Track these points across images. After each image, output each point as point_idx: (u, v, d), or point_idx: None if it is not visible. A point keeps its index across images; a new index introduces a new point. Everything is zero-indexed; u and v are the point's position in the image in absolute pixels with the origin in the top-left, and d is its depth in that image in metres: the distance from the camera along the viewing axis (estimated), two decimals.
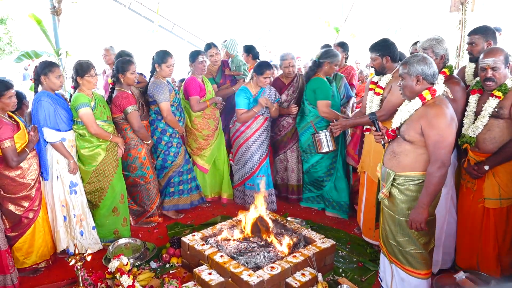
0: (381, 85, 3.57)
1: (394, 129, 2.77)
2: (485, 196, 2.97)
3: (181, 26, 12.15)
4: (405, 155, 2.64)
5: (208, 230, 3.64)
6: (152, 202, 4.35)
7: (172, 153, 4.48)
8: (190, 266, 3.42)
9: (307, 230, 3.62)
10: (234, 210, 4.76)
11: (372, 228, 3.83)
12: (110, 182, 3.89)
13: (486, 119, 2.87)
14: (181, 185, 4.62)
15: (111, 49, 5.48)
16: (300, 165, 4.68)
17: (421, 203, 2.55)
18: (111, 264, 3.06)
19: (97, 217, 3.95)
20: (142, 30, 14.64)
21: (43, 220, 3.55)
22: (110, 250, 3.73)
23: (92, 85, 3.73)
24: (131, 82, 4.03)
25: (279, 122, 4.65)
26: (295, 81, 4.64)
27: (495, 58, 2.78)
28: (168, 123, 4.34)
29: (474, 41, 3.20)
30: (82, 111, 3.62)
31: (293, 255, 3.16)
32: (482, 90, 2.97)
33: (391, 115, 3.44)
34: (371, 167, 3.76)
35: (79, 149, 3.76)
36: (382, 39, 3.62)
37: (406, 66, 2.61)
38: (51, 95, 3.57)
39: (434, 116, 2.48)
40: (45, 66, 3.53)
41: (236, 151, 4.61)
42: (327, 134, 4.00)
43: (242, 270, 2.96)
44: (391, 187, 2.73)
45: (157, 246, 3.90)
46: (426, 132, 2.51)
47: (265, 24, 14.41)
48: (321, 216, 4.56)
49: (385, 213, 2.85)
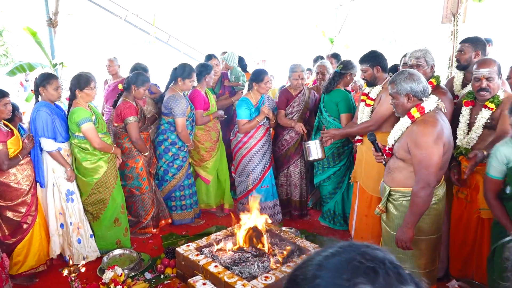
0: (372, 96, 3.63)
1: (391, 147, 2.77)
2: (480, 206, 2.98)
3: (176, 37, 12.26)
4: (399, 171, 2.65)
5: (202, 240, 3.65)
6: (146, 213, 4.36)
7: (176, 166, 4.51)
8: (184, 277, 3.42)
9: (301, 240, 3.65)
10: (229, 220, 4.77)
11: (364, 237, 3.86)
12: (111, 193, 3.93)
13: (480, 130, 2.90)
14: (184, 200, 4.64)
15: (115, 60, 5.58)
16: (303, 181, 4.63)
17: (406, 223, 2.53)
18: (105, 275, 3.08)
19: (99, 229, 3.96)
20: (138, 41, 14.73)
21: (40, 225, 3.61)
22: (105, 261, 3.74)
23: (91, 98, 3.77)
24: (140, 96, 4.15)
25: (281, 136, 4.57)
26: (302, 94, 4.54)
27: (490, 68, 2.81)
28: (181, 138, 4.40)
29: (464, 48, 3.28)
30: (85, 126, 3.64)
31: (287, 265, 3.19)
32: (474, 101, 3.00)
33: (380, 125, 3.52)
34: (363, 177, 3.81)
35: (80, 162, 3.77)
36: (370, 51, 3.70)
37: (394, 86, 2.58)
38: (49, 105, 3.64)
39: (418, 134, 2.45)
40: (43, 78, 3.61)
41: (239, 163, 4.58)
42: (316, 143, 4.03)
43: (236, 280, 2.97)
44: (387, 202, 2.76)
45: (151, 257, 3.91)
46: (411, 151, 2.49)
47: (259, 35, 14.55)
48: (315, 226, 4.59)
49: (383, 229, 2.87)
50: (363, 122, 3.61)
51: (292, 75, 4.43)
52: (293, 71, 4.42)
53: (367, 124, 3.54)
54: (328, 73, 4.66)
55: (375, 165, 3.61)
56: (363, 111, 3.70)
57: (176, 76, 4.37)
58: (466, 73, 3.42)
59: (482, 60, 2.88)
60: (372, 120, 3.51)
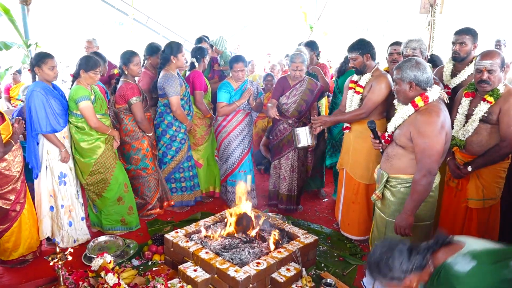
0: (361, 84, 3.64)
1: (390, 133, 2.79)
2: (469, 196, 3.06)
3: (155, 19, 11.96)
4: (398, 158, 2.68)
5: (191, 226, 3.63)
6: (153, 194, 4.39)
7: (174, 148, 4.47)
8: (173, 263, 3.40)
9: (290, 225, 3.68)
10: (214, 206, 4.77)
11: (351, 224, 3.93)
12: (113, 173, 3.93)
13: (477, 123, 2.92)
14: (184, 182, 4.62)
15: (94, 41, 5.49)
16: (294, 175, 4.44)
17: (406, 209, 2.58)
18: (94, 262, 3.01)
19: (103, 206, 4.00)
20: (114, 22, 14.29)
21: (28, 212, 3.56)
22: (90, 248, 3.67)
23: (93, 81, 3.74)
24: (135, 73, 4.09)
25: (276, 126, 4.45)
26: (300, 85, 4.30)
27: (492, 61, 2.80)
28: (177, 117, 4.33)
29: (465, 41, 3.30)
30: (83, 104, 3.60)
31: (278, 251, 3.20)
32: (475, 93, 3.02)
33: (371, 113, 3.55)
34: (350, 164, 3.85)
35: (78, 142, 3.73)
36: (359, 39, 3.69)
37: (400, 72, 2.58)
38: (45, 86, 3.54)
39: (423, 124, 2.48)
40: (38, 58, 3.52)
41: (219, 146, 4.62)
42: (306, 130, 4.02)
43: (228, 266, 2.97)
44: (384, 189, 2.79)
45: (138, 243, 3.86)
46: (414, 139, 2.52)
47: (240, 20, 14.38)
48: (299, 214, 4.63)
49: (377, 215, 2.91)
50: (354, 110, 3.63)
51: (291, 65, 4.24)
52: (292, 61, 4.23)
53: (358, 112, 3.56)
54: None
55: (363, 152, 3.68)
56: (352, 99, 3.71)
57: (166, 55, 4.25)
58: (456, 63, 3.47)
59: (486, 52, 2.86)
60: (364, 107, 3.53)
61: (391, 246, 1.83)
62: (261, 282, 2.99)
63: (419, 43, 3.28)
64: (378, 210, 2.87)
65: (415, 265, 1.78)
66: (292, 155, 4.40)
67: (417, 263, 1.78)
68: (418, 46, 3.27)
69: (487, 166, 2.95)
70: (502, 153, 2.88)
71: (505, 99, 2.82)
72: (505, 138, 2.84)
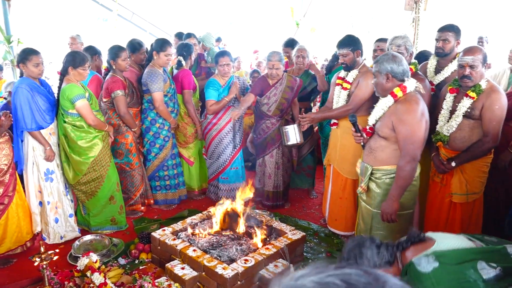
0: (348, 80, 3.66)
1: (371, 126, 2.86)
2: (452, 191, 3.11)
3: (140, 15, 11.80)
4: (381, 150, 2.75)
5: (178, 224, 3.60)
6: (136, 189, 4.38)
7: (158, 145, 4.42)
8: (160, 261, 3.38)
9: (277, 222, 3.68)
10: (201, 204, 4.74)
11: (338, 219, 3.95)
12: (107, 171, 3.89)
13: (460, 118, 2.97)
14: (168, 180, 4.58)
15: (78, 37, 5.41)
16: (279, 171, 4.44)
17: (391, 196, 2.66)
18: (80, 262, 2.97)
19: (93, 207, 3.96)
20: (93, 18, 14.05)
21: (17, 206, 3.53)
22: (75, 247, 3.62)
23: (82, 78, 3.69)
24: (123, 68, 4.06)
25: (259, 124, 4.42)
26: (280, 84, 4.26)
27: (474, 56, 2.86)
28: (159, 113, 4.28)
29: (448, 38, 3.35)
30: (80, 103, 3.57)
31: (266, 247, 3.20)
32: (459, 89, 3.06)
33: (358, 109, 3.57)
34: (338, 160, 3.87)
35: (75, 141, 3.69)
36: (347, 35, 3.71)
37: (377, 65, 2.70)
38: (31, 82, 3.49)
39: (404, 112, 2.58)
40: (23, 55, 3.47)
41: (209, 144, 4.57)
42: (295, 127, 4.04)
43: (216, 263, 2.96)
44: (369, 181, 2.83)
45: (124, 242, 3.82)
46: (396, 128, 2.60)
47: (226, 16, 14.29)
48: (287, 210, 4.63)
49: (362, 208, 2.95)
50: (342, 106, 3.64)
51: (267, 63, 4.21)
52: (268, 59, 4.19)
53: (346, 108, 3.58)
54: (307, 56, 4.59)
55: (351, 148, 3.69)
56: (339, 95, 3.73)
57: (151, 51, 4.25)
58: (440, 59, 3.50)
59: (469, 48, 2.93)
60: (352, 103, 3.55)
61: (360, 242, 1.86)
62: (249, 279, 2.99)
63: (404, 40, 3.31)
64: (364, 203, 2.92)
65: (383, 260, 1.81)
66: (277, 152, 4.41)
67: (385, 259, 1.81)
68: (403, 43, 3.30)
69: (471, 161, 3.00)
70: (485, 148, 2.93)
71: (488, 94, 2.87)
72: (487, 133, 2.89)
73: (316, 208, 4.70)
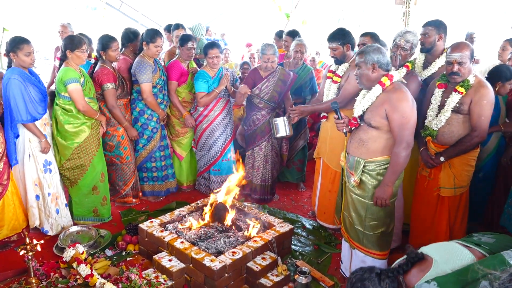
0: (339, 73, 3.66)
1: (356, 117, 2.87)
2: (440, 185, 3.14)
3: (129, 4, 11.64)
4: (374, 141, 2.76)
5: (166, 216, 3.58)
6: (125, 183, 4.33)
7: (146, 136, 4.39)
8: (148, 253, 3.36)
9: (265, 214, 3.68)
10: (190, 196, 4.73)
11: (327, 212, 3.97)
12: (92, 160, 3.85)
13: (449, 113, 2.99)
14: (155, 172, 4.55)
15: (68, 25, 5.35)
16: (268, 165, 4.43)
17: (387, 181, 2.72)
18: (66, 253, 2.94)
19: (76, 195, 3.92)
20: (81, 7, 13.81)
21: (13, 194, 3.53)
22: (61, 238, 3.58)
23: (81, 60, 3.65)
24: (113, 59, 4.01)
25: (249, 116, 4.41)
26: (272, 76, 4.23)
27: (462, 53, 2.87)
28: (147, 104, 4.25)
29: (428, 32, 3.36)
30: (72, 86, 3.53)
31: (253, 240, 3.21)
32: (447, 84, 3.08)
33: (347, 102, 3.57)
34: (327, 154, 3.88)
35: (63, 124, 3.65)
36: (338, 28, 3.70)
37: (363, 56, 2.72)
38: (22, 73, 3.43)
39: (397, 100, 2.63)
40: (14, 44, 3.37)
41: (200, 136, 4.52)
42: (284, 120, 4.04)
43: (204, 255, 2.95)
44: (362, 174, 2.84)
45: (111, 233, 3.80)
46: (390, 116, 2.64)
47: (216, 7, 14.20)
48: (275, 203, 4.64)
49: (354, 200, 2.95)
50: (331, 99, 3.64)
51: (262, 57, 4.16)
52: (263, 53, 4.15)
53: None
54: (306, 52, 4.56)
55: (340, 141, 3.67)
56: (329, 88, 3.73)
57: (141, 41, 4.19)
58: (427, 55, 3.52)
59: (456, 44, 2.95)
60: (341, 97, 3.55)
61: (361, 277, 1.81)
62: (237, 271, 2.99)
63: (414, 38, 3.33)
64: (356, 196, 2.91)
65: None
66: (266, 145, 4.39)
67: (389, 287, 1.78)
68: (413, 40, 3.32)
69: (459, 155, 3.03)
70: (473, 142, 2.96)
71: (476, 90, 2.90)
72: (476, 128, 2.92)
73: (304, 201, 4.71)
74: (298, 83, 4.56)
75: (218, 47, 4.29)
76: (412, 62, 3.35)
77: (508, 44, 4.73)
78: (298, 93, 4.67)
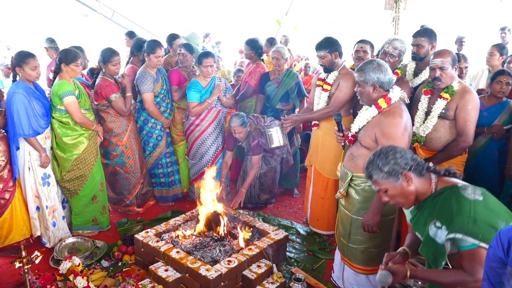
0: (329, 81, 3.71)
1: (354, 134, 2.88)
2: None
3: (121, 13, 11.65)
4: (362, 159, 2.74)
5: (161, 226, 3.61)
6: (129, 192, 4.39)
7: (151, 144, 4.51)
8: (144, 263, 3.38)
9: (260, 222, 3.72)
10: (184, 204, 4.75)
11: (320, 219, 4.02)
12: (91, 170, 3.89)
13: (435, 119, 3.04)
14: (162, 178, 4.67)
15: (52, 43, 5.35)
16: (257, 180, 4.50)
17: (373, 208, 2.66)
18: (62, 265, 2.96)
19: (76, 206, 3.94)
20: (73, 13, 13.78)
21: (19, 200, 3.59)
22: (57, 250, 3.59)
23: (76, 74, 3.69)
24: (113, 72, 4.06)
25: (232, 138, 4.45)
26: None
27: (443, 59, 2.93)
28: (150, 114, 4.35)
29: (420, 43, 3.42)
30: (68, 99, 3.56)
31: (249, 248, 3.24)
32: (433, 91, 3.14)
33: (339, 109, 3.63)
34: (319, 161, 3.93)
35: (60, 137, 3.67)
36: (326, 37, 3.74)
37: (362, 74, 2.65)
38: (27, 87, 3.46)
39: (387, 126, 2.58)
40: (20, 58, 3.40)
41: (192, 145, 4.55)
42: (278, 130, 4.08)
43: (199, 265, 2.99)
44: (349, 187, 2.86)
45: (107, 244, 3.81)
46: (379, 141, 2.61)
47: (208, 14, 14.24)
48: (270, 209, 4.68)
49: (341, 212, 2.98)
50: (323, 108, 3.70)
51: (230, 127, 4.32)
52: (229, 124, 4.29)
53: (327, 110, 3.63)
54: (283, 58, 4.62)
55: (332, 148, 3.75)
56: (320, 96, 3.78)
57: (143, 53, 4.28)
58: (418, 62, 3.58)
59: (438, 51, 3.01)
60: (332, 105, 3.61)
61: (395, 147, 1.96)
62: (233, 280, 3.02)
63: (402, 45, 3.39)
64: (343, 207, 2.95)
65: (414, 166, 1.90)
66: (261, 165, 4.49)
67: (417, 167, 1.91)
68: (401, 47, 3.38)
69: (447, 161, 3.08)
70: (460, 147, 3.01)
71: (461, 95, 2.95)
72: (462, 133, 2.98)
73: (298, 207, 4.76)
74: (284, 90, 4.61)
75: (212, 56, 4.36)
76: (401, 69, 3.42)
77: (496, 49, 4.83)
78: (285, 100, 4.66)
